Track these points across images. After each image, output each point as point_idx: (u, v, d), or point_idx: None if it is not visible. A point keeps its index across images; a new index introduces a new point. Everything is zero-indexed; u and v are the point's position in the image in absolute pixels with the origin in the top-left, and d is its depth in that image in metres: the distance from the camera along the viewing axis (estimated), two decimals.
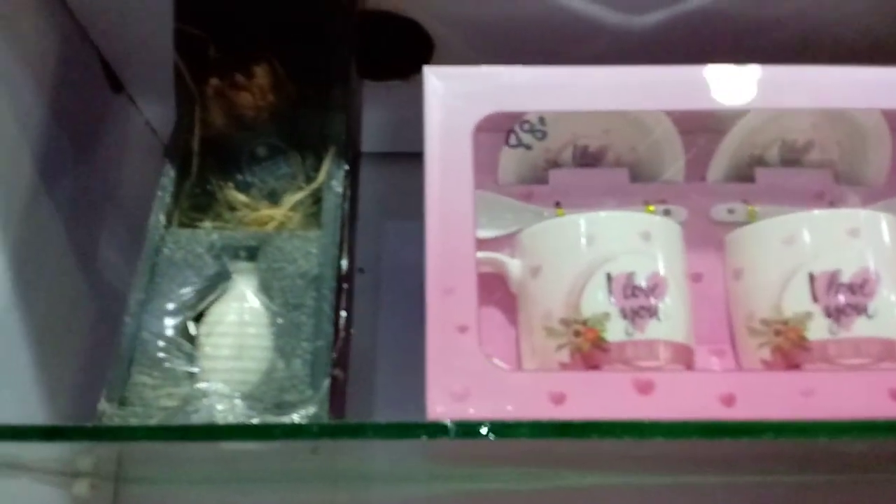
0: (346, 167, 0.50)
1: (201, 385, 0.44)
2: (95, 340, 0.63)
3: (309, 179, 0.50)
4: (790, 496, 0.65)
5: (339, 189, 0.50)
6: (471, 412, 0.38)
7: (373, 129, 0.68)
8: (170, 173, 0.50)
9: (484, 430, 0.37)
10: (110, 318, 0.66)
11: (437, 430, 0.37)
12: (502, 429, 0.37)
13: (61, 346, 0.58)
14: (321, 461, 0.62)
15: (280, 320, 0.46)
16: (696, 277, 0.46)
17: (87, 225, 0.62)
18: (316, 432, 0.40)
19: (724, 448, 0.48)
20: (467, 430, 0.37)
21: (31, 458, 0.52)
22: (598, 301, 0.40)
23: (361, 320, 0.60)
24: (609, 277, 0.41)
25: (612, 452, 0.55)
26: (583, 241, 0.42)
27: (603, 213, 0.43)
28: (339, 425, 0.38)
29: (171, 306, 0.46)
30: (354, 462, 0.64)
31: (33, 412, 0.54)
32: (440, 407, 0.38)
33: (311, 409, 0.43)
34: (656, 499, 0.66)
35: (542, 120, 0.46)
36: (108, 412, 0.43)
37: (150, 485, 0.66)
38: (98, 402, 0.63)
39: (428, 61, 0.63)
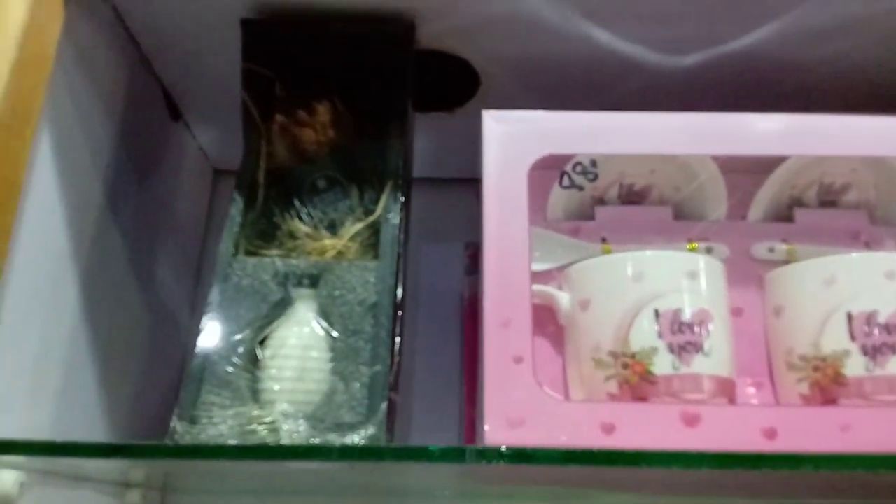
0: (402, 199, 0.53)
1: (267, 405, 0.46)
2: (151, 359, 0.66)
3: (367, 211, 0.53)
4: None
5: (396, 220, 0.52)
6: (526, 439, 0.40)
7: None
8: (238, 204, 0.53)
9: (539, 457, 0.39)
10: (164, 337, 0.69)
11: (495, 455, 0.40)
12: (557, 456, 0.39)
13: (122, 365, 0.61)
14: (356, 476, 0.65)
15: (340, 345, 0.48)
16: (736, 312, 0.48)
17: (145, 247, 0.65)
18: (378, 454, 0.42)
19: (758, 476, 0.50)
20: (524, 456, 0.39)
21: (91, 470, 0.55)
22: (646, 335, 0.43)
23: None
24: (657, 313, 0.43)
25: (644, 478, 0.57)
26: (632, 277, 0.44)
27: (651, 253, 0.45)
28: (402, 448, 0.40)
29: (238, 330, 0.49)
30: (389, 477, 0.67)
31: (96, 426, 0.57)
32: (497, 434, 0.40)
33: (369, 430, 0.45)
34: None
35: (593, 162, 0.49)
36: (180, 430, 0.46)
37: (193, 494, 0.68)
38: (153, 418, 0.66)
39: (473, 96, 0.66)
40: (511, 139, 0.46)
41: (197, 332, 0.48)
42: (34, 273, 0.47)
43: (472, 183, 0.75)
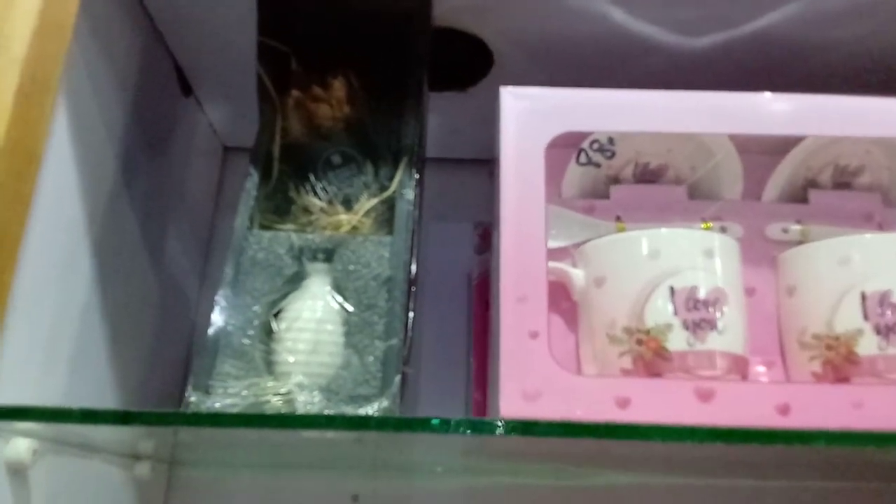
0: (417, 176, 0.53)
1: (282, 377, 0.47)
2: (161, 333, 0.67)
3: (382, 187, 0.53)
4: (817, 501, 0.67)
5: (411, 196, 0.52)
6: (541, 413, 0.40)
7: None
8: (253, 178, 0.53)
9: (556, 430, 0.40)
10: (175, 312, 0.70)
11: (513, 428, 0.40)
12: (573, 429, 0.40)
13: (133, 338, 0.61)
14: (364, 451, 0.65)
15: (354, 319, 0.49)
16: (749, 292, 0.48)
17: (156, 222, 0.65)
18: (393, 425, 0.42)
19: (765, 454, 0.50)
20: (540, 429, 0.40)
21: (101, 441, 0.55)
22: (661, 312, 0.43)
23: None
24: (672, 290, 0.43)
25: (654, 454, 0.58)
26: (647, 255, 0.44)
27: (667, 230, 0.45)
28: (420, 420, 0.40)
29: (253, 302, 0.49)
30: (396, 453, 0.67)
31: (107, 398, 0.58)
32: (513, 408, 0.41)
33: (383, 403, 0.46)
34: (688, 499, 0.68)
35: (611, 140, 0.49)
36: (195, 400, 0.46)
37: (201, 468, 0.69)
38: (163, 392, 0.67)
39: (486, 76, 0.66)
40: (529, 116, 0.46)
41: (209, 306, 0.49)
42: (49, 244, 0.47)
43: (481, 164, 0.76)
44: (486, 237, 0.67)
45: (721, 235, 0.46)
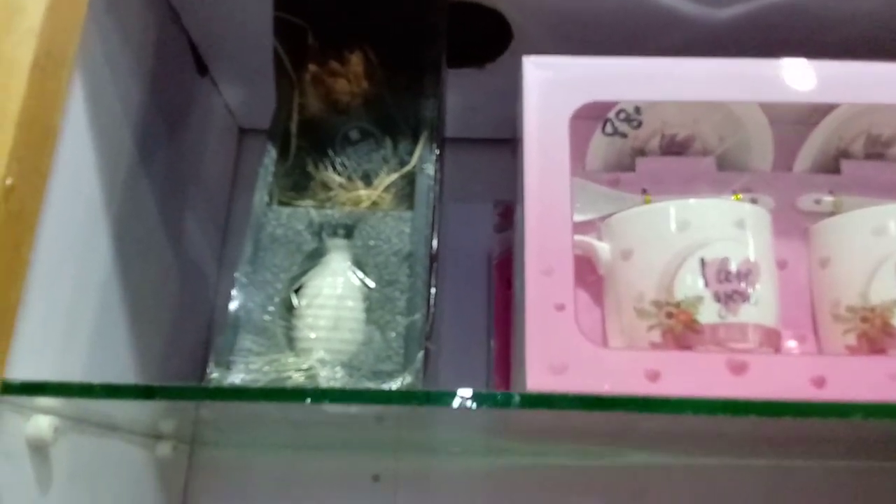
0: (437, 151, 0.52)
1: (304, 353, 0.46)
2: (180, 314, 0.66)
3: (401, 162, 0.52)
4: (841, 479, 0.66)
5: (431, 171, 0.52)
6: (568, 386, 0.40)
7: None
8: (271, 154, 0.52)
9: (584, 403, 0.39)
10: (193, 293, 0.69)
11: (538, 401, 0.39)
12: (602, 402, 0.39)
13: (153, 316, 0.61)
14: (385, 431, 0.65)
15: (375, 295, 0.48)
16: (780, 265, 0.47)
17: (174, 202, 0.64)
18: (418, 399, 0.42)
19: (795, 430, 0.49)
20: (567, 402, 0.39)
21: (122, 420, 0.55)
22: (691, 285, 0.42)
23: None
24: (703, 262, 0.42)
25: (679, 434, 0.57)
26: (676, 226, 0.43)
27: (696, 201, 0.44)
28: (445, 393, 0.40)
29: (273, 279, 0.48)
30: (417, 433, 0.67)
31: (126, 376, 0.57)
32: (539, 381, 0.40)
33: (407, 379, 0.45)
34: (712, 480, 0.67)
35: (637, 109, 0.48)
36: (217, 376, 0.46)
37: (222, 448, 0.69)
38: (182, 372, 0.67)
39: (504, 51, 0.65)
40: (552, 86, 0.45)
41: (228, 287, 0.48)
42: (68, 219, 0.47)
43: (500, 143, 0.74)
44: (506, 215, 0.66)
45: (752, 206, 0.45)
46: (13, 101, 0.40)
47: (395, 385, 0.45)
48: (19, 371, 0.41)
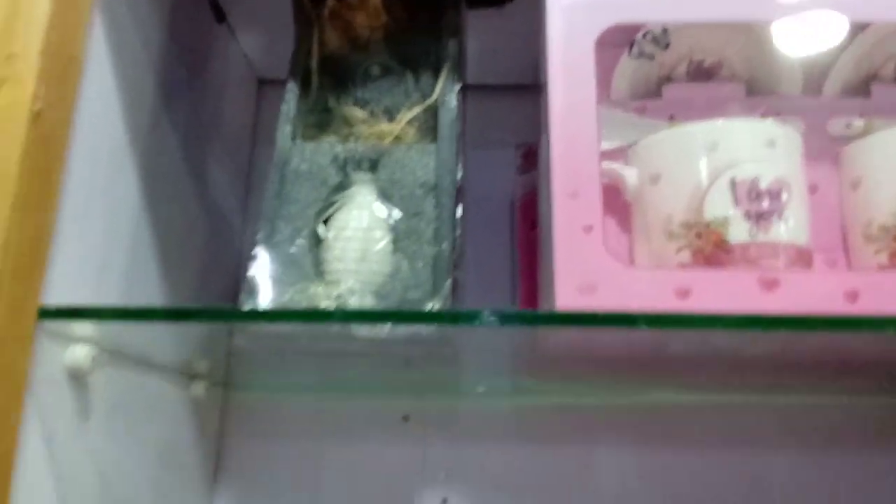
0: (459, 85, 0.52)
1: (333, 284, 0.46)
2: (208, 262, 0.67)
3: (423, 96, 0.52)
4: (869, 416, 0.66)
5: (453, 104, 0.51)
6: (597, 304, 0.40)
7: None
8: (293, 91, 0.52)
9: (613, 320, 0.39)
10: (220, 242, 0.70)
11: (568, 318, 0.39)
12: (632, 319, 0.39)
13: (181, 262, 0.62)
14: (413, 373, 0.66)
15: (402, 226, 0.48)
16: (811, 189, 0.46)
17: (197, 149, 0.65)
18: (449, 318, 0.42)
19: (825, 353, 0.49)
20: (596, 319, 0.39)
21: (157, 356, 0.56)
22: (721, 204, 0.42)
23: None
24: (733, 182, 0.42)
25: (707, 366, 0.57)
26: (705, 147, 0.43)
27: (725, 121, 0.44)
28: (469, 312, 0.40)
29: (299, 213, 0.49)
30: (445, 375, 0.68)
31: None
32: (568, 300, 0.40)
33: (435, 307, 0.45)
34: (738, 418, 0.67)
35: (664, 30, 0.47)
36: (249, 305, 0.46)
37: (255, 391, 0.70)
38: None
39: None
40: (576, 9, 0.45)
41: (253, 237, 0.48)
42: (95, 152, 0.47)
43: (521, 89, 0.74)
44: (529, 157, 0.66)
45: (783, 126, 0.44)
46: (36, 29, 0.40)
47: None
48: (56, 300, 0.42)
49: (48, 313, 0.40)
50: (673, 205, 0.43)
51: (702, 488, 0.67)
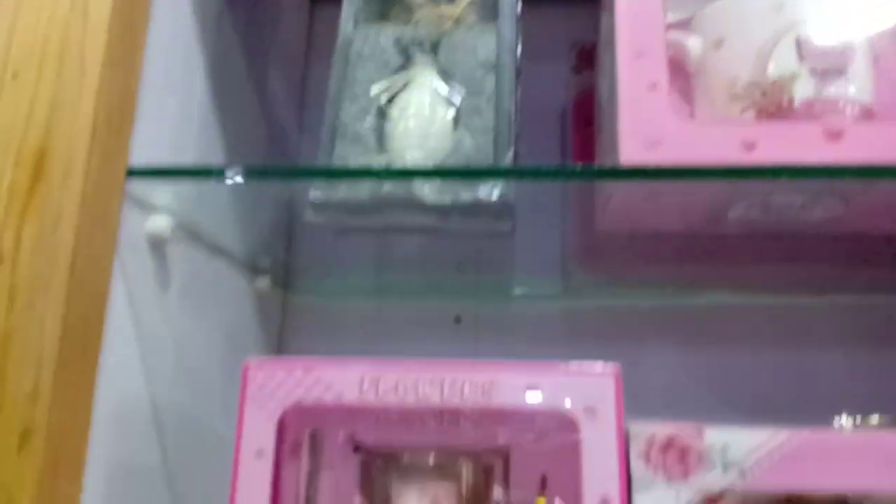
0: None
1: (398, 158, 0.48)
2: (269, 161, 0.69)
3: None
4: None
5: None
6: (663, 158, 0.40)
7: None
8: None
9: (679, 173, 0.40)
10: (278, 149, 0.72)
11: (634, 173, 0.40)
12: (699, 172, 0.39)
13: (244, 158, 0.63)
14: (464, 277, 0.67)
15: (463, 104, 0.49)
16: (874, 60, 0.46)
17: (255, 59, 0.66)
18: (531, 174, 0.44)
19: None
20: (663, 173, 0.40)
21: (228, 247, 0.59)
22: (786, 62, 0.42)
23: None
24: (798, 40, 0.42)
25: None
26: (770, 8, 0.43)
27: None
28: (540, 167, 0.41)
29: (363, 93, 0.50)
30: (495, 277, 0.69)
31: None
32: (634, 155, 0.41)
33: (497, 182, 0.47)
34: (790, 321, 0.67)
35: None
36: (317, 185, 0.48)
37: (313, 295, 0.72)
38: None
39: None
40: None
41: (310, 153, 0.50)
42: (166, 50, 0.49)
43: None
44: (583, 55, 0.66)
45: None
46: None
47: (486, 187, 0.47)
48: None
49: (135, 172, 0.43)
50: (738, 67, 0.43)
51: (752, 387, 0.67)
